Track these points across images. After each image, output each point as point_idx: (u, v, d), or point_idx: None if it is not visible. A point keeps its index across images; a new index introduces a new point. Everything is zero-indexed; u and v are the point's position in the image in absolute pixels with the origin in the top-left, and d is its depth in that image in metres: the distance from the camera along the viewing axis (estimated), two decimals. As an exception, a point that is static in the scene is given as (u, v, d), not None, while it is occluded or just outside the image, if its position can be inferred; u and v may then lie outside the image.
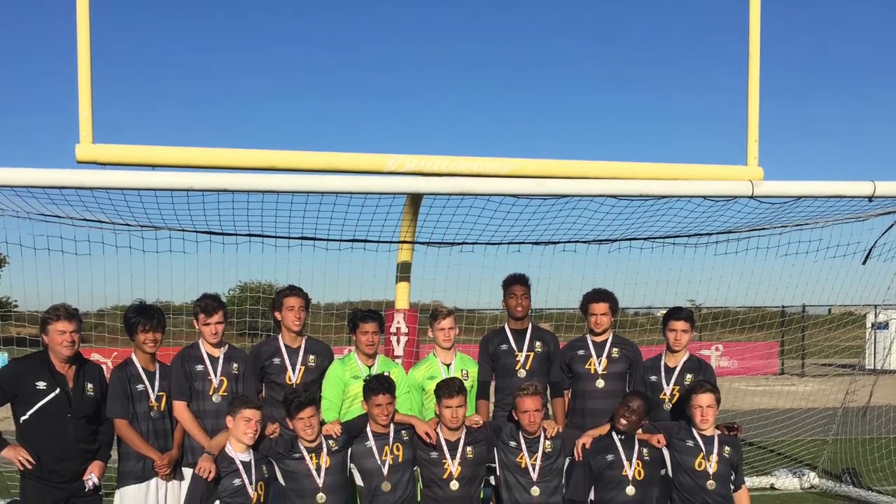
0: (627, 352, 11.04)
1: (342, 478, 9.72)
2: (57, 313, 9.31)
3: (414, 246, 14.28)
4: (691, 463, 9.80)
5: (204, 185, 10.97)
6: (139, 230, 13.36)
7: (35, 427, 9.24)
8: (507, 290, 11.06)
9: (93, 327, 16.97)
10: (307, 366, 10.49)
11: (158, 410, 9.91)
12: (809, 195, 12.35)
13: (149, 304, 10.25)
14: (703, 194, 12.20)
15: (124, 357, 10.17)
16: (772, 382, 32.66)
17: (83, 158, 10.76)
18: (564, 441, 10.16)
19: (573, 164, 11.95)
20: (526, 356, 10.87)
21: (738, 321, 25.30)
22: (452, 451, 10.01)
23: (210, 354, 10.21)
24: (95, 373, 9.77)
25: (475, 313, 19.30)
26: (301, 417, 9.41)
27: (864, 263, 14.99)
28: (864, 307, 26.09)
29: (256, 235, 13.88)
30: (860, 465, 17.26)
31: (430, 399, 10.51)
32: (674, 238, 15.43)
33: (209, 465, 9.03)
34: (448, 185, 11.44)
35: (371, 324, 10.52)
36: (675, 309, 11.01)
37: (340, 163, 11.40)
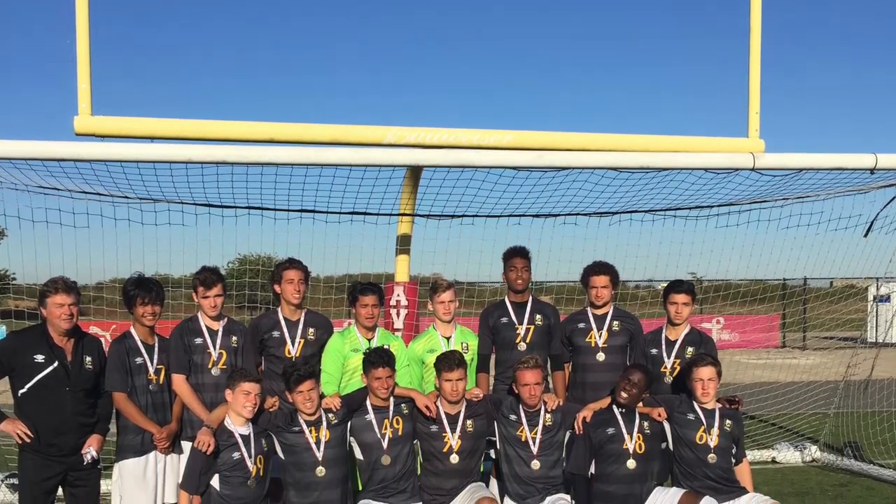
0: (628, 325, 11.01)
1: (342, 451, 9.72)
2: (55, 286, 9.26)
3: (414, 218, 14.27)
4: (692, 436, 9.78)
5: (203, 157, 10.91)
6: (138, 203, 13.32)
7: (33, 400, 9.20)
8: (508, 263, 11.02)
9: (91, 300, 16.92)
10: (306, 339, 10.45)
11: (157, 384, 9.86)
12: (811, 167, 12.31)
13: (147, 276, 10.20)
14: (704, 167, 12.15)
15: (123, 330, 10.12)
16: (773, 356, 32.66)
17: (82, 131, 10.70)
18: (565, 414, 10.15)
19: (574, 136, 11.89)
20: (526, 329, 10.83)
21: (739, 294, 25.26)
22: (452, 424, 9.99)
23: (209, 327, 10.18)
24: (94, 346, 9.73)
25: (475, 286, 19.30)
26: (300, 391, 9.40)
27: (866, 236, 14.96)
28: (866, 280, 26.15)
29: (256, 208, 13.85)
30: (862, 438, 17.21)
31: (430, 372, 10.49)
32: (675, 211, 15.41)
33: (208, 438, 9.01)
34: (448, 157, 11.38)
35: (371, 297, 10.49)
36: (675, 282, 10.98)
37: (340, 135, 11.34)
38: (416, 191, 13.58)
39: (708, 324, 37.47)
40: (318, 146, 11.27)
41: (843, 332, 25.41)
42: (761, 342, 38.63)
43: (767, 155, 11.96)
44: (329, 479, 9.51)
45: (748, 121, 12.11)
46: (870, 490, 14.57)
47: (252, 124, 11.24)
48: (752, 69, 12.05)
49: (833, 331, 25.82)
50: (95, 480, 9.66)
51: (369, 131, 11.38)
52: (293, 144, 11.27)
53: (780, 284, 34.36)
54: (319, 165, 11.50)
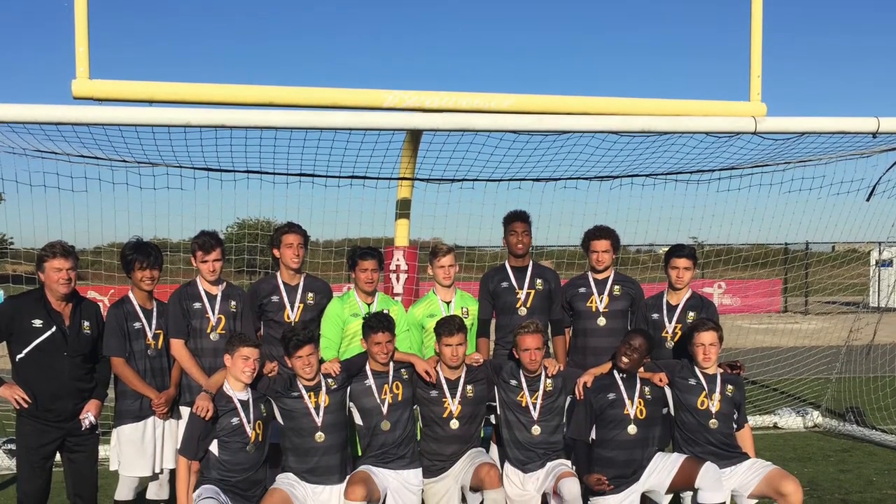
0: (629, 289, 10.97)
1: (341, 416, 9.70)
2: (53, 251, 9.21)
3: (414, 182, 14.20)
4: (693, 402, 9.75)
5: (202, 121, 10.85)
6: (136, 167, 13.29)
7: (31, 365, 9.17)
8: (508, 228, 10.96)
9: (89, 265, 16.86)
10: (306, 304, 10.43)
11: (155, 349, 9.84)
12: (813, 131, 12.29)
13: (146, 241, 10.15)
14: (705, 130, 12.10)
15: (121, 295, 10.10)
16: (775, 320, 32.67)
17: (80, 94, 10.63)
18: (565, 380, 10.13)
19: (574, 99, 11.82)
20: (527, 294, 10.78)
21: (740, 259, 25.23)
22: (452, 389, 9.98)
23: (208, 292, 10.14)
24: (92, 311, 9.69)
25: (475, 250, 19.29)
26: (300, 356, 9.37)
27: (868, 200, 14.94)
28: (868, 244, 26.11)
29: (255, 172, 13.80)
30: (864, 403, 17.21)
31: (430, 337, 10.47)
32: (676, 175, 15.40)
33: (207, 403, 8.98)
34: (448, 121, 11.32)
35: (370, 261, 10.45)
36: (677, 246, 10.92)
37: (339, 98, 11.27)
38: (415, 154, 13.53)
39: (709, 288, 37.48)
40: (317, 110, 11.21)
41: (846, 296, 25.43)
42: (763, 307, 38.64)
43: (769, 119, 11.91)
44: (328, 445, 9.50)
45: (750, 84, 12.05)
46: (871, 455, 14.57)
47: (251, 88, 11.17)
48: (753, 33, 11.97)
49: (835, 295, 25.87)
50: (93, 446, 9.62)
51: (369, 95, 11.31)
52: (292, 108, 11.21)
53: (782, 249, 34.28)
54: (319, 129, 11.45)
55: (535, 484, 9.92)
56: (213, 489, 8.92)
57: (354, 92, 11.33)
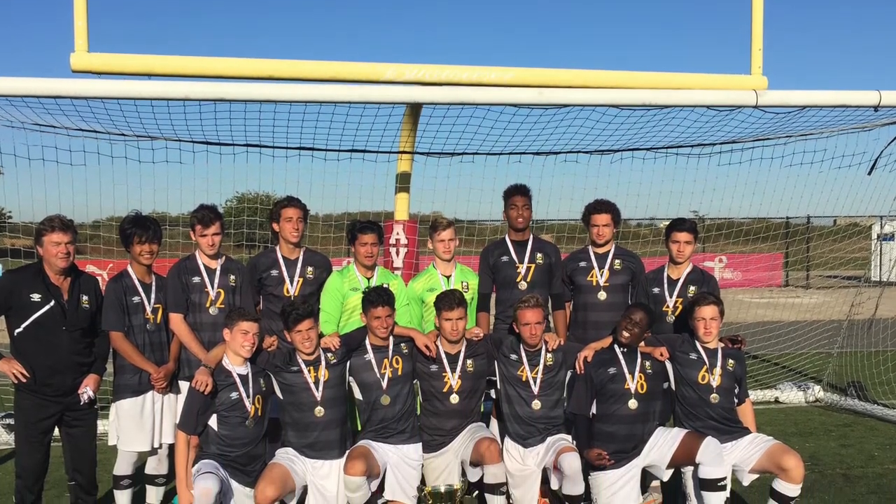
0: (630, 263, 10.94)
1: (341, 391, 9.69)
2: (51, 224, 9.17)
3: (413, 156, 14.21)
4: (694, 376, 9.73)
5: (201, 94, 10.86)
6: (135, 140, 13.31)
7: (29, 340, 9.15)
8: (508, 201, 10.93)
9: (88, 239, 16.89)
10: (305, 278, 10.41)
11: (154, 323, 9.83)
12: (814, 105, 12.31)
13: (145, 215, 10.12)
14: (706, 104, 12.11)
15: (120, 269, 10.06)
16: (776, 294, 32.63)
17: (78, 68, 10.63)
18: (566, 354, 10.12)
19: (574, 73, 11.81)
20: (527, 268, 10.75)
21: (741, 232, 25.19)
22: (452, 364, 9.98)
23: (207, 266, 10.11)
24: (91, 285, 9.67)
25: (475, 224, 19.24)
26: (299, 330, 9.34)
27: (870, 174, 14.95)
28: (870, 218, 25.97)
29: (254, 146, 13.79)
30: (865, 378, 17.20)
31: (430, 311, 10.46)
32: (677, 148, 15.41)
33: (206, 378, 8.95)
34: (448, 94, 11.32)
35: (370, 235, 10.43)
36: (677, 220, 10.88)
37: (339, 72, 11.26)
38: (415, 128, 13.52)
39: (710, 262, 37.51)
40: (317, 83, 11.20)
41: (847, 270, 25.39)
42: (764, 281, 38.60)
43: (770, 92, 11.93)
44: (328, 420, 9.50)
45: (751, 58, 12.05)
46: (873, 430, 14.57)
47: (250, 61, 11.18)
48: (755, 6, 11.97)
49: (836, 269, 25.85)
50: (92, 420, 9.61)
51: (368, 68, 11.30)
52: (292, 81, 11.21)
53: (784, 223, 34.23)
54: (318, 103, 11.47)
55: (535, 459, 9.92)
56: (212, 464, 8.91)
57: (354, 65, 11.32)
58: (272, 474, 9.10)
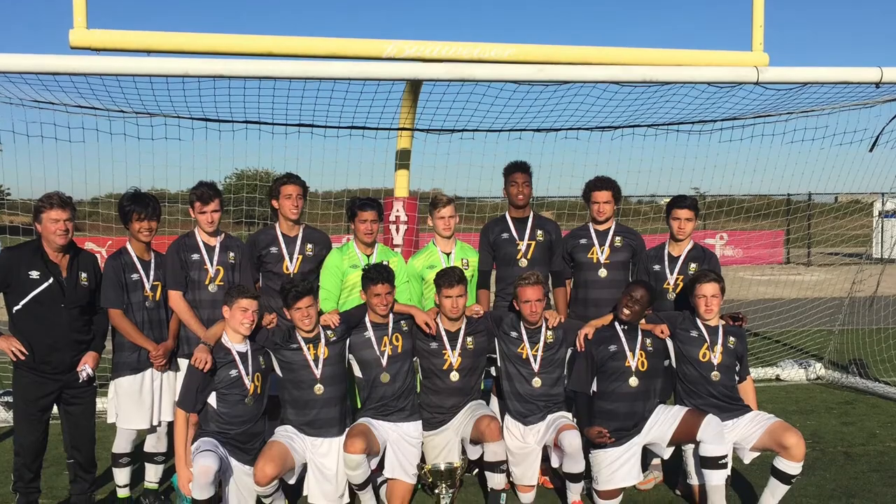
0: (630, 241, 10.90)
1: (340, 369, 9.68)
2: (50, 201, 9.11)
3: (413, 133, 14.19)
4: (695, 354, 9.70)
5: (200, 71, 10.82)
6: (134, 117, 13.29)
7: (28, 317, 9.11)
8: (508, 178, 10.89)
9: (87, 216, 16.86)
10: (305, 255, 10.39)
11: (153, 300, 9.78)
12: (815, 81, 12.25)
13: (144, 192, 10.05)
14: (707, 80, 12.07)
15: (119, 246, 10.01)
16: (777, 272, 32.63)
17: (77, 44, 10.61)
18: (566, 331, 10.09)
19: (575, 49, 11.79)
20: (527, 245, 10.72)
21: (742, 209, 25.17)
22: (452, 341, 9.96)
23: (206, 243, 10.06)
24: (89, 262, 9.61)
25: (475, 201, 19.20)
26: (298, 307, 9.32)
27: (872, 151, 14.92)
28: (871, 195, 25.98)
29: (253, 122, 13.76)
30: (867, 356, 17.18)
31: (430, 289, 10.43)
32: (678, 125, 15.39)
33: (205, 355, 8.93)
34: (448, 71, 11.28)
35: (370, 212, 10.41)
36: (678, 197, 10.83)
37: (339, 48, 11.24)
38: (415, 105, 13.49)
39: (711, 239, 37.50)
40: (316, 60, 11.16)
41: (848, 247, 25.38)
42: (765, 258, 38.64)
43: (771, 68, 11.90)
44: (327, 397, 9.49)
45: (752, 34, 12.04)
46: (875, 408, 14.55)
47: (250, 37, 11.16)
48: (755, -19, 11.92)
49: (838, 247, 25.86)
50: (91, 398, 9.55)
51: (368, 45, 11.28)
52: (291, 58, 11.18)
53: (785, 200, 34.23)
54: (318, 79, 11.40)
55: (535, 436, 9.91)
56: (211, 442, 8.90)
57: (354, 42, 11.31)
58: (271, 452, 9.09)
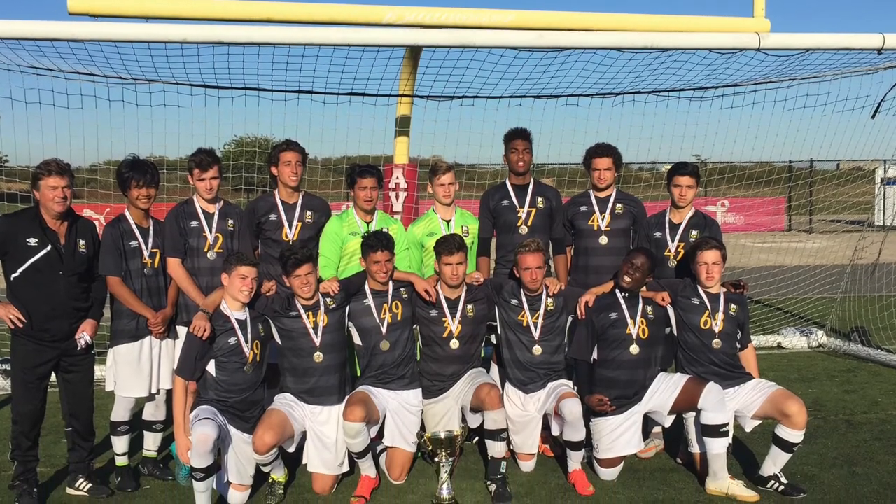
0: (631, 207, 10.85)
1: (340, 336, 9.66)
2: (48, 168, 9.06)
3: (413, 99, 14.15)
4: (697, 321, 9.68)
5: (199, 37, 10.78)
6: (132, 83, 13.25)
7: (26, 284, 9.07)
8: (509, 145, 10.83)
9: (85, 183, 16.77)
10: (304, 222, 10.34)
11: (152, 267, 9.74)
12: (817, 48, 12.24)
13: (142, 158, 10.00)
14: (708, 47, 12.05)
15: (117, 213, 9.98)
16: (779, 239, 32.56)
17: (75, 10, 10.58)
18: (567, 299, 10.06)
19: (575, 15, 11.75)
20: (527, 212, 10.67)
21: (744, 176, 25.13)
22: (452, 309, 9.92)
23: (205, 210, 10.02)
24: (88, 229, 9.56)
25: (475, 168, 19.19)
26: (298, 275, 9.30)
27: (874, 117, 14.86)
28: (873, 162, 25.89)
29: (252, 89, 13.71)
30: (869, 323, 17.18)
31: (430, 256, 10.39)
32: (679, 92, 15.36)
33: (204, 323, 8.91)
34: (448, 37, 11.24)
35: (369, 179, 10.36)
36: (679, 164, 10.79)
37: (338, 15, 11.21)
38: (415, 71, 13.45)
39: (713, 207, 37.44)
40: (315, 26, 11.14)
41: (850, 215, 25.34)
42: (767, 225, 38.56)
43: (773, 35, 11.87)
44: (327, 365, 9.48)
45: (754, 1, 11.96)
46: (876, 375, 14.55)
47: (249, 3, 11.17)
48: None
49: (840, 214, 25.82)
50: (89, 366, 9.52)
51: (368, 11, 11.26)
52: (290, 24, 11.17)
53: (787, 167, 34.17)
54: (317, 45, 11.35)
55: (536, 404, 9.91)
56: (210, 410, 8.88)
57: (354, 8, 11.29)
58: (271, 420, 9.09)
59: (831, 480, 9.58)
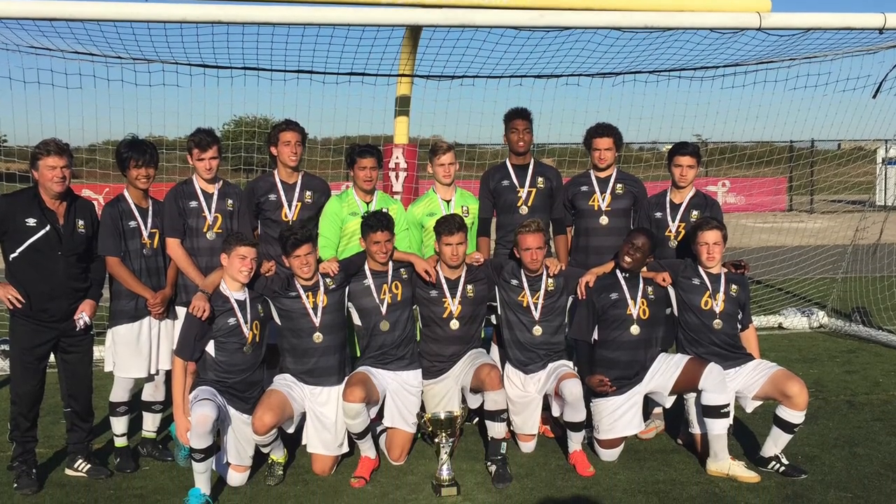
0: (632, 188, 10.82)
1: (339, 317, 9.65)
2: (47, 148, 9.03)
3: (413, 79, 14.10)
4: (697, 302, 9.65)
5: (198, 17, 10.74)
6: (131, 63, 13.22)
7: (24, 265, 9.05)
8: (509, 125, 10.78)
9: (84, 163, 16.70)
10: (303, 202, 10.31)
11: (151, 248, 9.70)
12: (818, 27, 12.17)
13: (141, 138, 9.97)
14: (709, 26, 11.99)
15: (116, 193, 9.95)
16: (780, 219, 32.47)
17: (73, -11, 10.48)
18: (567, 279, 10.04)
19: (576, -6, 11.64)
20: (528, 192, 10.64)
21: (745, 157, 25.10)
22: (452, 289, 9.90)
23: (204, 190, 9.99)
24: (87, 209, 9.53)
25: (476, 148, 19.15)
26: (297, 255, 9.27)
27: (875, 97, 14.80)
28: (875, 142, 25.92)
29: (252, 69, 13.69)
30: (870, 304, 17.17)
31: (430, 236, 10.36)
32: (679, 71, 15.34)
33: (203, 303, 8.90)
34: (448, 16, 11.16)
35: (369, 159, 10.31)
36: (680, 144, 10.74)
37: (338, -7, 11.11)
38: (415, 51, 13.41)
39: (713, 187, 37.35)
40: (315, 5, 11.09)
41: (852, 195, 25.25)
42: (768, 205, 38.49)
43: (774, 14, 11.78)
44: (326, 346, 9.47)
45: (755, -21, 11.90)
46: (878, 356, 14.54)
47: (248, -17, 11.03)
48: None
49: (841, 194, 25.71)
50: (88, 346, 9.51)
51: (368, -10, 11.14)
52: (290, 3, 11.08)
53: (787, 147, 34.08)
54: (317, 25, 11.29)
55: (536, 385, 9.90)
56: (209, 390, 8.89)
57: (353, -13, 11.16)
58: (270, 401, 9.08)
59: (832, 461, 9.57)
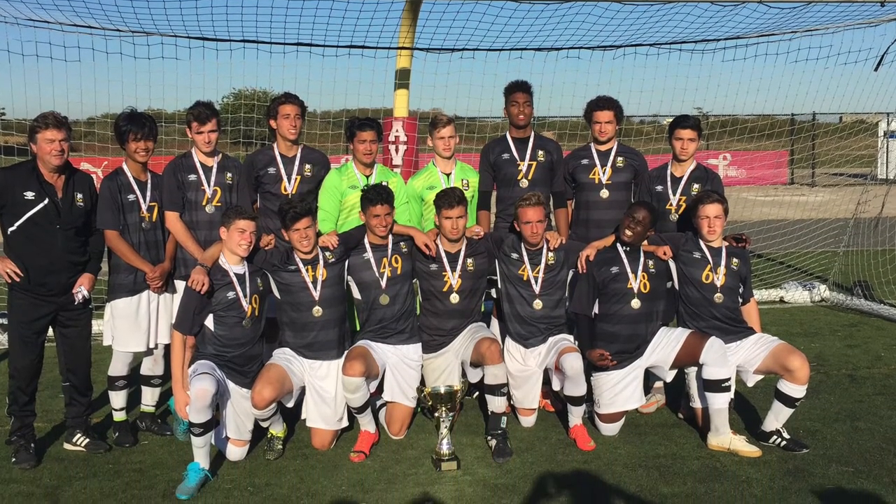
0: (632, 161, 10.77)
1: (339, 290, 9.62)
2: (45, 121, 8.99)
3: (413, 52, 14.08)
4: (698, 275, 9.62)
5: (197, -11, 10.65)
6: (130, 36, 13.16)
7: (23, 238, 9.02)
8: (509, 98, 10.72)
9: (82, 136, 16.70)
10: (303, 175, 10.26)
11: (150, 221, 9.67)
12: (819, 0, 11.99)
13: (140, 111, 9.93)
14: (709, -1, 11.88)
15: (115, 166, 9.92)
16: (781, 192, 32.40)
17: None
18: (568, 253, 10.00)
19: (577, -34, 11.62)
20: (528, 166, 10.58)
21: (746, 129, 25.06)
22: (452, 263, 9.87)
23: (203, 164, 9.95)
24: (85, 183, 9.50)
25: (476, 121, 19.12)
26: (297, 228, 9.23)
27: (877, 70, 14.79)
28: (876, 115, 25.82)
29: (251, 41, 13.64)
30: (871, 277, 17.13)
31: (430, 210, 10.33)
32: (680, 44, 15.28)
33: (202, 277, 8.86)
34: (448, -12, 11.12)
35: (369, 132, 10.26)
36: (681, 117, 10.69)
37: (337, -35, 11.08)
38: (415, 23, 13.38)
39: (714, 160, 37.32)
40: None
41: (853, 168, 25.28)
42: (769, 179, 38.44)
43: (775, -13, 11.70)
44: (326, 319, 9.44)
45: (756, -49, 11.86)
46: (880, 330, 14.54)
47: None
48: None
49: (842, 167, 25.77)
50: (86, 320, 9.51)
51: (368, -38, 11.12)
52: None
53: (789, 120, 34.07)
54: (316, -3, 11.22)
55: (536, 359, 9.88)
56: (208, 364, 8.87)
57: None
58: (269, 375, 9.06)
59: (834, 435, 9.56)
